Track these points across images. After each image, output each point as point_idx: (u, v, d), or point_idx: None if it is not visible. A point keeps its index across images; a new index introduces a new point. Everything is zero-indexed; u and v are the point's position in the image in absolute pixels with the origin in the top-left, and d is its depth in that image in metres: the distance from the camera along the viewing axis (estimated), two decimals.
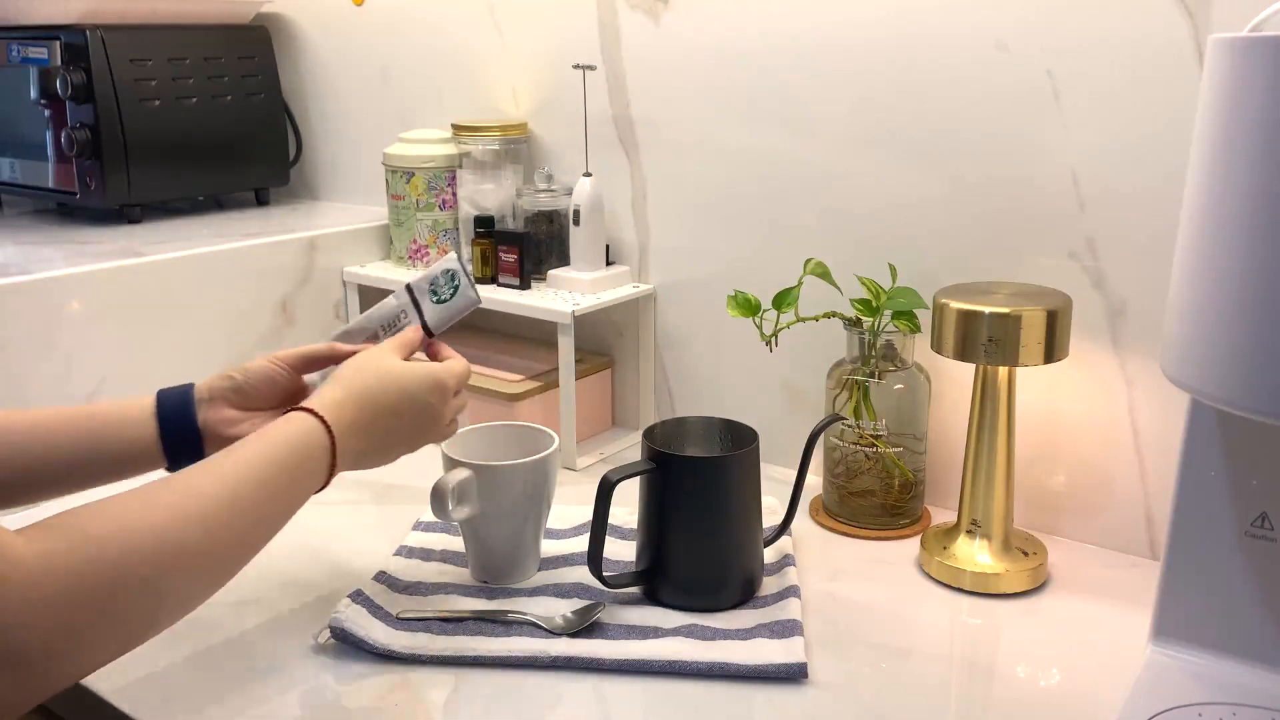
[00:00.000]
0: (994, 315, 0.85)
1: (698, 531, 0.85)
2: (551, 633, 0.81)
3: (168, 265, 1.15)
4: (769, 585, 0.89)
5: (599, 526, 0.83)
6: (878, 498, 1.00)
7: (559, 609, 0.85)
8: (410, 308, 0.89)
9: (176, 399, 0.82)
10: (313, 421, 0.72)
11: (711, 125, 1.12)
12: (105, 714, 0.74)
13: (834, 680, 0.77)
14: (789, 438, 1.10)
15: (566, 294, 1.18)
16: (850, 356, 1.01)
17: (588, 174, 1.17)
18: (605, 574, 0.85)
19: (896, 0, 0.98)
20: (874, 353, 0.99)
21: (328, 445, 0.72)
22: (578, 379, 1.16)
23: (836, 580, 0.92)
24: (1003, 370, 0.89)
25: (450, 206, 1.29)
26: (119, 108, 1.29)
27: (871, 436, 0.98)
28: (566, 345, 1.13)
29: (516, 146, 1.26)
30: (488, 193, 1.25)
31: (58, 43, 1.28)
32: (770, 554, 0.92)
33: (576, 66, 1.16)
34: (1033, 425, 0.97)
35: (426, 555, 0.94)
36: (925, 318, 0.94)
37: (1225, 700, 0.73)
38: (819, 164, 1.06)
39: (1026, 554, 0.91)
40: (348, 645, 0.80)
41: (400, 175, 1.28)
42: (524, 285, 1.20)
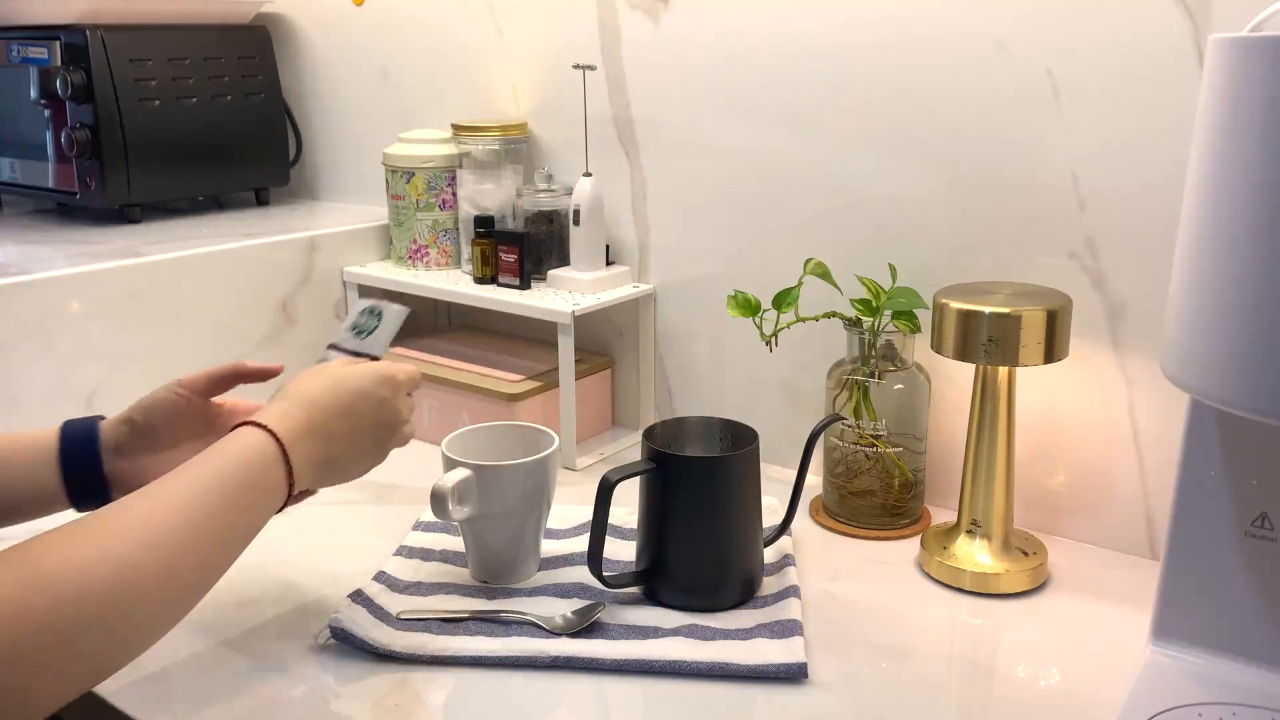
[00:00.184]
0: (994, 315, 0.85)
1: (698, 531, 0.85)
2: (551, 633, 0.81)
3: (168, 265, 1.15)
4: (769, 585, 0.89)
5: (599, 526, 0.83)
6: (878, 498, 1.00)
7: (559, 609, 0.85)
8: (347, 357, 0.88)
9: (80, 443, 0.77)
10: (259, 434, 0.69)
11: (711, 125, 1.12)
12: (105, 714, 0.74)
13: (834, 680, 0.77)
14: (789, 438, 1.11)
15: (566, 294, 1.18)
16: (850, 356, 1.01)
17: (588, 174, 1.17)
18: (605, 574, 0.85)
19: (896, 0, 0.98)
20: (874, 353, 0.99)
21: (279, 456, 0.69)
22: (578, 379, 1.16)
23: (836, 580, 0.92)
24: (1003, 370, 0.89)
25: (450, 206, 1.29)
26: (119, 108, 1.29)
27: (871, 436, 0.98)
28: (566, 345, 1.13)
29: (516, 146, 1.26)
30: (488, 193, 1.25)
31: (58, 43, 1.29)
32: (770, 554, 0.92)
33: (576, 66, 1.16)
34: (1033, 425, 0.97)
35: (426, 555, 0.94)
36: (925, 318, 0.94)
37: (1225, 700, 0.73)
38: (819, 164, 1.06)
39: (1026, 554, 0.91)
40: (348, 645, 0.80)
41: (400, 175, 1.28)
42: (524, 285, 1.20)
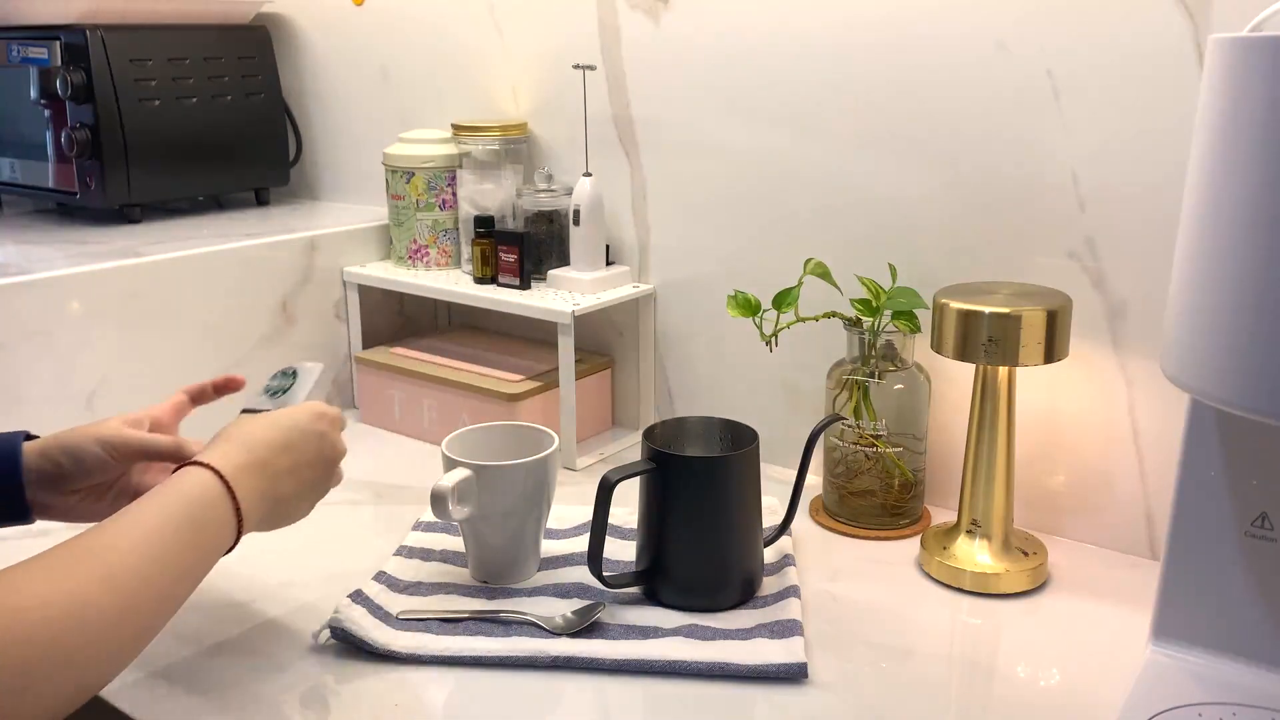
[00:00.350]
0: (994, 315, 0.85)
1: (698, 531, 0.85)
2: (551, 633, 0.81)
3: (168, 265, 1.15)
4: (769, 585, 0.89)
5: (599, 526, 0.83)
6: (878, 498, 1.00)
7: (559, 609, 0.85)
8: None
9: (2, 464, 0.78)
10: (203, 472, 0.71)
11: (711, 125, 1.12)
12: (105, 714, 0.74)
13: (834, 680, 0.77)
14: (789, 438, 1.10)
15: (566, 294, 1.18)
16: (850, 356, 1.01)
17: (588, 174, 1.17)
18: (605, 574, 0.85)
19: (896, 0, 0.98)
20: (874, 353, 0.99)
21: (224, 493, 0.70)
22: (578, 379, 1.16)
23: (836, 580, 0.92)
24: (1003, 370, 0.89)
25: (450, 206, 1.29)
26: (119, 108, 1.29)
27: (871, 436, 0.98)
28: (566, 345, 1.13)
29: (516, 146, 1.26)
30: (488, 193, 1.25)
31: (58, 43, 1.28)
32: (770, 554, 0.92)
33: (576, 66, 1.16)
34: (1033, 425, 0.97)
35: (426, 555, 0.94)
36: (925, 318, 0.94)
37: (1225, 700, 0.73)
38: (819, 164, 1.06)
39: (1026, 554, 0.91)
40: (348, 645, 0.80)
41: (400, 175, 1.28)
42: (524, 285, 1.20)
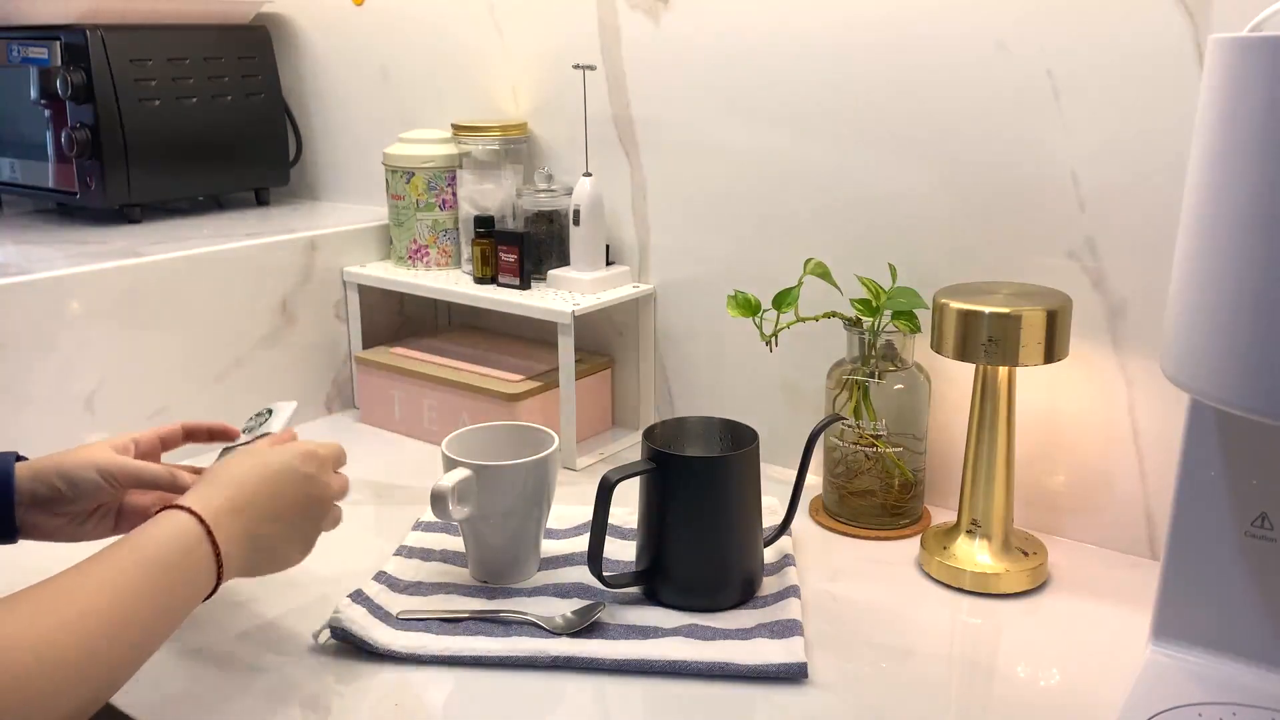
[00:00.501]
0: (994, 315, 0.85)
1: (698, 531, 0.85)
2: (551, 633, 0.81)
3: (168, 265, 1.15)
4: (769, 585, 0.89)
5: (599, 526, 0.83)
6: (878, 498, 1.00)
7: (559, 609, 0.85)
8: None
9: None
10: (181, 515, 0.69)
11: (711, 125, 1.12)
12: (105, 714, 0.74)
13: (834, 680, 0.77)
14: (789, 438, 1.10)
15: (566, 294, 1.18)
16: (850, 356, 1.01)
17: (588, 174, 1.17)
18: (605, 574, 0.85)
19: (896, 0, 0.98)
20: (874, 353, 0.99)
21: (203, 536, 0.69)
22: (578, 379, 1.16)
23: (836, 580, 0.92)
24: (1003, 370, 0.89)
25: (450, 206, 1.29)
26: (119, 108, 1.29)
27: (871, 436, 0.98)
28: (566, 345, 1.13)
29: (516, 146, 1.26)
30: (488, 193, 1.25)
31: (58, 43, 1.28)
32: (770, 554, 0.92)
33: (576, 66, 1.16)
34: (1033, 425, 0.97)
35: (426, 555, 0.94)
36: (925, 318, 0.94)
37: (1225, 700, 0.73)
38: (819, 164, 1.06)
39: (1026, 554, 0.91)
40: (348, 645, 0.80)
41: (400, 175, 1.28)
42: (524, 285, 1.20)
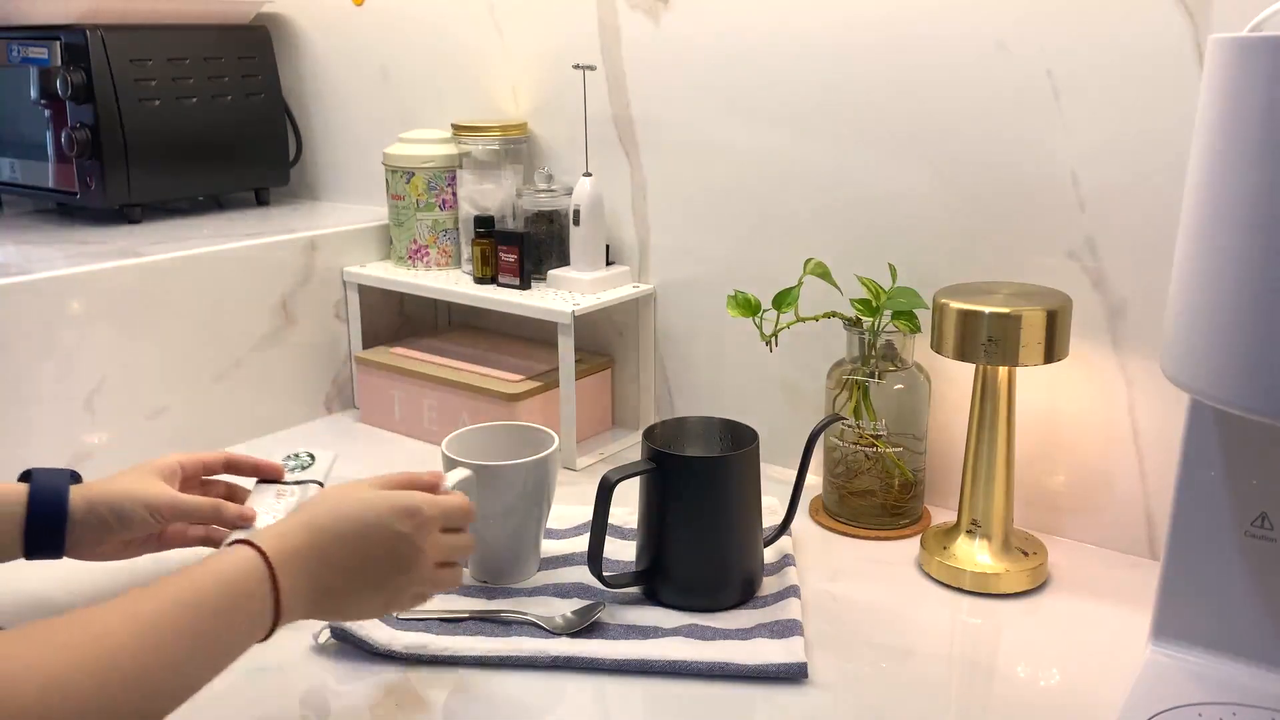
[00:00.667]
0: (994, 315, 0.85)
1: (698, 531, 0.85)
2: (551, 633, 0.81)
3: (168, 265, 1.15)
4: (769, 585, 0.89)
5: (599, 526, 0.83)
6: (878, 498, 1.00)
7: (559, 609, 0.85)
8: (292, 488, 0.89)
9: (48, 507, 0.78)
10: (250, 554, 0.64)
11: (711, 125, 1.12)
12: None
13: (834, 680, 0.77)
14: (789, 438, 1.10)
15: (566, 294, 1.18)
16: (850, 356, 1.01)
17: (588, 174, 1.17)
18: (605, 574, 0.85)
19: (896, 0, 0.98)
20: (874, 353, 0.99)
21: (265, 578, 0.63)
22: (578, 379, 1.16)
23: (836, 580, 0.92)
24: (1003, 370, 0.89)
25: (450, 206, 1.29)
26: (119, 108, 1.29)
27: (871, 436, 0.98)
28: (566, 345, 1.13)
29: (516, 146, 1.26)
30: (488, 193, 1.25)
31: (58, 43, 1.28)
32: (770, 554, 0.92)
33: (576, 66, 1.16)
34: (1033, 425, 0.97)
35: None
36: (925, 317, 0.94)
37: (1225, 700, 0.73)
38: (819, 164, 1.06)
39: (1026, 554, 0.91)
40: (348, 645, 0.80)
41: (400, 175, 1.28)
42: (524, 285, 1.20)
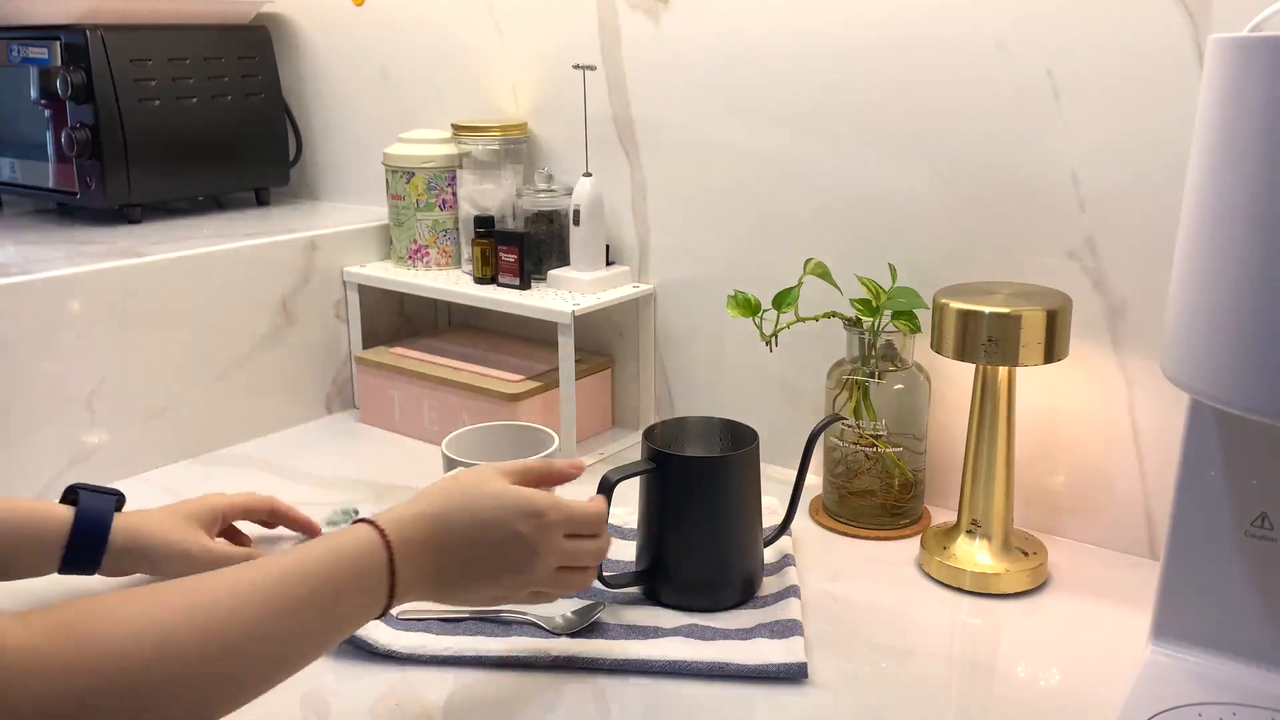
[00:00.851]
0: (994, 315, 0.85)
1: (698, 531, 0.85)
2: (551, 633, 0.81)
3: (168, 265, 1.15)
4: (769, 585, 0.89)
5: None
6: (878, 498, 1.00)
7: (559, 609, 0.84)
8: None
9: (91, 535, 0.80)
10: (373, 535, 0.65)
11: (711, 125, 1.12)
12: None
13: (834, 680, 0.77)
14: (789, 438, 1.10)
15: (566, 294, 1.18)
16: (850, 356, 1.01)
17: (588, 174, 1.17)
18: (605, 574, 0.85)
19: (896, 0, 0.98)
20: (874, 353, 0.99)
21: (385, 562, 0.64)
22: (578, 379, 1.16)
23: (836, 580, 0.91)
24: (1003, 370, 0.89)
25: (450, 206, 1.29)
26: (119, 108, 1.29)
27: (871, 436, 0.98)
28: (566, 345, 1.13)
29: (516, 146, 1.26)
30: (488, 193, 1.25)
31: (58, 43, 1.28)
32: (770, 554, 0.92)
33: (576, 66, 1.16)
34: (1033, 425, 0.97)
35: None
36: (925, 318, 0.94)
37: (1225, 700, 0.73)
38: (819, 164, 1.06)
39: (1026, 554, 0.91)
40: (348, 645, 0.80)
41: (400, 175, 1.28)
42: (524, 285, 1.20)
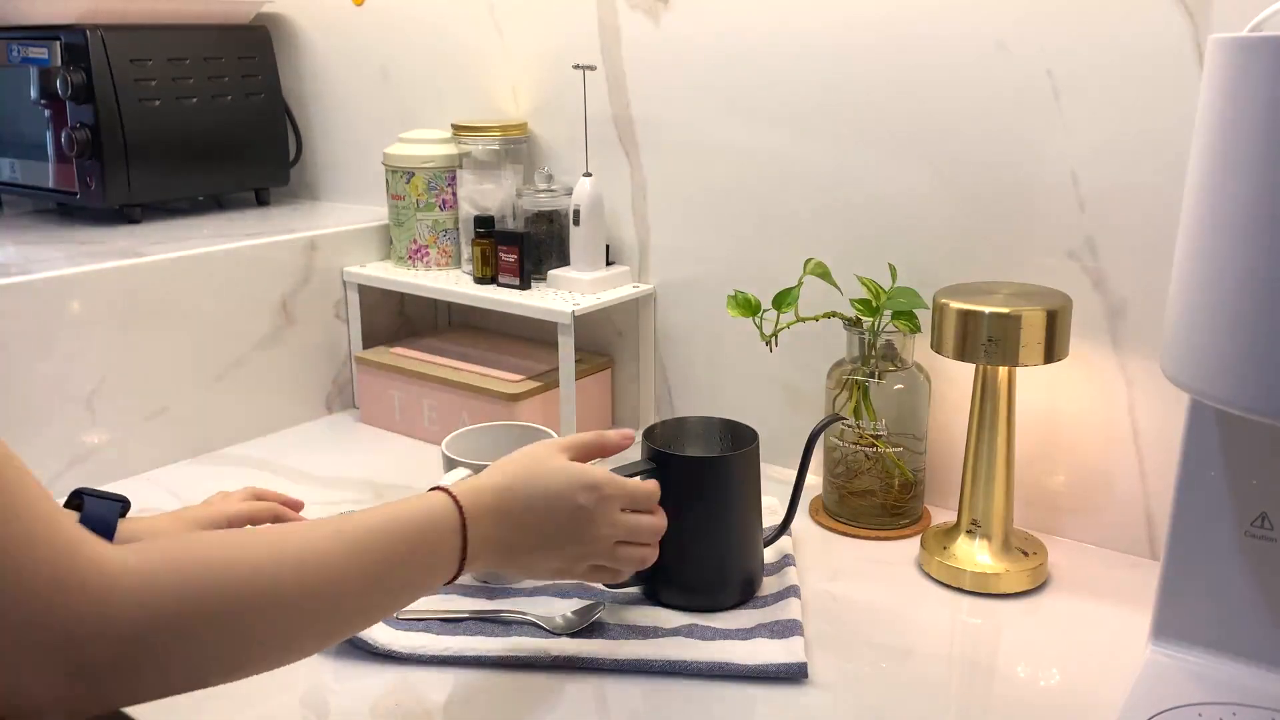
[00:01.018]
0: (994, 315, 0.85)
1: (697, 531, 0.84)
2: (551, 633, 0.81)
3: (168, 265, 1.15)
4: (769, 585, 0.89)
5: None
6: (878, 498, 1.00)
7: (559, 609, 0.85)
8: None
9: (97, 535, 0.79)
10: (447, 501, 0.68)
11: (711, 125, 1.12)
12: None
13: (834, 680, 0.77)
14: (789, 438, 1.10)
15: (566, 294, 1.18)
16: (850, 356, 1.01)
17: (588, 174, 1.17)
18: None
19: (896, 0, 0.98)
20: (874, 353, 0.99)
21: (458, 527, 0.67)
22: (578, 379, 1.16)
23: (836, 580, 0.92)
24: (1003, 370, 0.89)
25: (450, 206, 1.29)
26: (119, 108, 1.29)
27: (871, 436, 0.98)
28: (566, 345, 1.13)
29: (516, 146, 1.26)
30: (488, 193, 1.25)
31: (58, 43, 1.28)
32: (770, 554, 0.92)
33: (576, 66, 1.16)
34: (1033, 425, 0.97)
35: None
36: (925, 317, 0.94)
37: (1225, 700, 0.73)
38: (819, 164, 1.06)
39: (1026, 554, 0.91)
40: (348, 645, 0.80)
41: (400, 175, 1.28)
42: (524, 285, 1.20)
